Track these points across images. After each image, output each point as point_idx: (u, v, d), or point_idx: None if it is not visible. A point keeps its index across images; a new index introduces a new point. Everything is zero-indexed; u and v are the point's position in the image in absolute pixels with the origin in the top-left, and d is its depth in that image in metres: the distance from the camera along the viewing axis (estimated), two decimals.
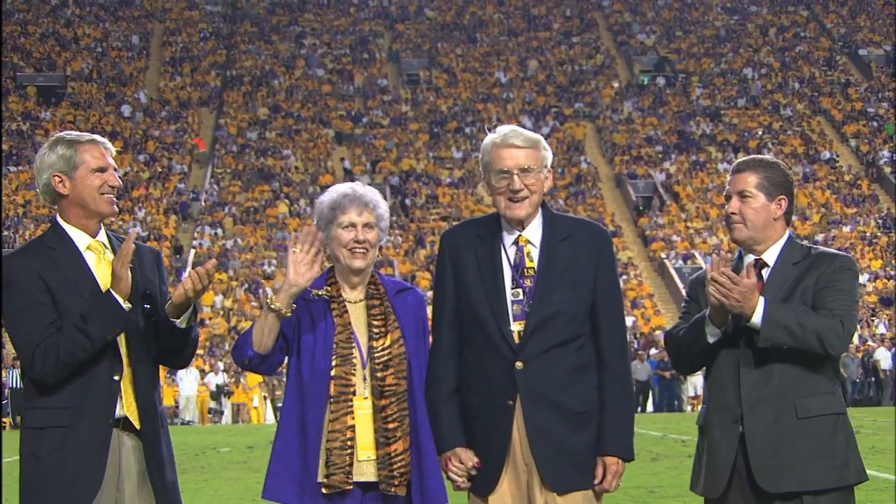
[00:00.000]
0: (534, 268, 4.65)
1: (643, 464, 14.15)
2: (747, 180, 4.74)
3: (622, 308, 4.79)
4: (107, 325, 4.51)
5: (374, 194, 4.83)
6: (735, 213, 4.74)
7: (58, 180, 4.67)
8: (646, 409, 34.31)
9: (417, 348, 4.77)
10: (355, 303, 4.80)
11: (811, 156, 56.09)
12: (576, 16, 70.71)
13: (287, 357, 4.78)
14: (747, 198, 4.73)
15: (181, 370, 32.25)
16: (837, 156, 56.33)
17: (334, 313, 4.74)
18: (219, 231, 48.81)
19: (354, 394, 4.66)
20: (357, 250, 4.74)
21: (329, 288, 4.79)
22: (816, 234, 48.63)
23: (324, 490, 4.62)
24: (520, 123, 47.45)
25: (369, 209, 4.76)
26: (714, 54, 66.43)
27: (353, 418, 4.64)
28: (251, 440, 22.64)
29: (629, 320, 39.61)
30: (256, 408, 35.62)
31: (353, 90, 62.55)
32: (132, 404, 4.62)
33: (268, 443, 4.90)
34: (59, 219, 4.71)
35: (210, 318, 41.29)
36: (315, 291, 4.76)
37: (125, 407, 4.60)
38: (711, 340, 4.66)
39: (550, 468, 4.55)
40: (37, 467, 4.53)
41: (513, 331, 4.60)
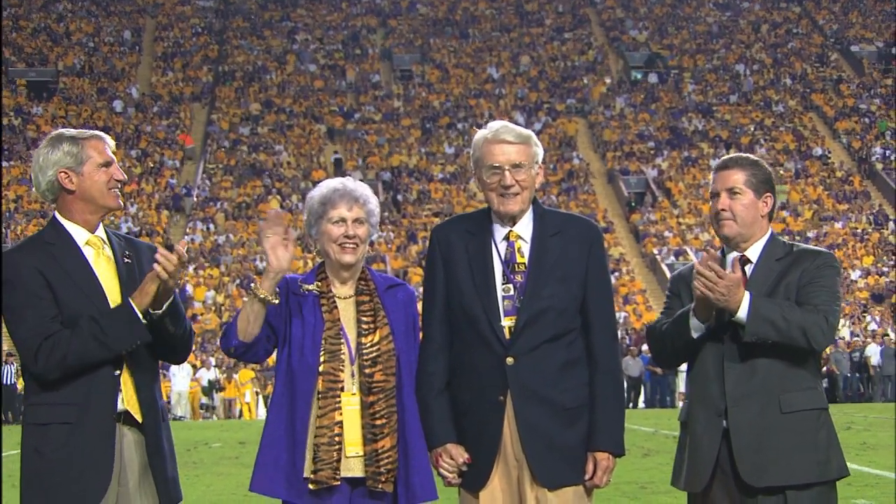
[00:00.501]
0: (524, 263, 4.65)
1: (635, 459, 14.16)
2: (736, 177, 4.75)
3: (613, 303, 4.78)
4: (126, 340, 4.51)
5: (365, 189, 4.81)
6: (725, 210, 4.74)
7: (65, 176, 4.65)
8: (637, 405, 34.35)
9: (407, 345, 4.76)
10: (345, 298, 4.78)
11: (803, 152, 56.15)
12: (568, 12, 70.74)
13: (276, 350, 4.77)
14: (737, 194, 4.74)
15: (174, 366, 32.23)
16: (829, 152, 56.40)
17: (323, 309, 4.72)
18: (211, 226, 48.78)
19: (342, 390, 4.65)
20: (347, 245, 4.72)
21: (319, 283, 4.78)
22: (808, 231, 48.71)
23: (311, 486, 4.61)
24: (512, 119, 47.50)
25: (359, 204, 4.75)
26: (706, 50, 66.48)
27: (341, 414, 4.63)
28: (243, 435, 22.63)
29: (621, 316, 39.64)
30: (248, 403, 35.60)
31: (346, 86, 62.54)
32: (133, 398, 4.61)
33: (259, 438, 4.88)
34: (57, 215, 4.70)
35: (202, 314, 41.26)
36: (305, 286, 4.75)
37: (126, 401, 4.59)
38: (695, 335, 4.67)
39: (541, 464, 4.54)
40: (41, 464, 4.49)
41: (503, 326, 4.59)
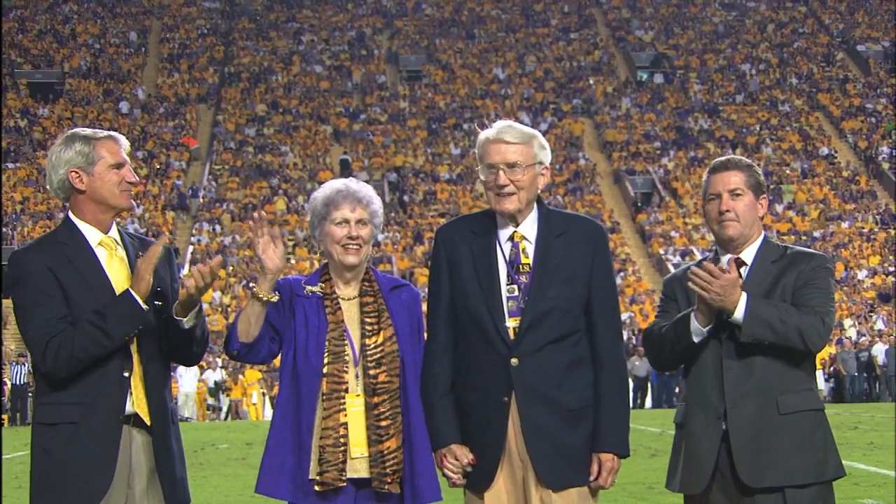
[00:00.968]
0: (529, 264, 4.64)
1: (641, 460, 14.16)
2: (736, 178, 4.76)
3: (618, 304, 4.77)
4: (125, 325, 4.50)
5: (368, 190, 4.81)
6: (729, 211, 4.74)
7: (75, 176, 4.65)
8: (644, 406, 34.32)
9: (411, 346, 4.75)
10: (349, 300, 4.77)
11: (809, 152, 56.10)
12: (574, 12, 70.72)
13: (281, 352, 4.77)
14: (739, 195, 4.75)
15: (181, 367, 32.27)
16: (836, 152, 56.34)
17: (327, 310, 4.71)
18: (217, 227, 48.80)
19: (347, 391, 4.64)
20: (350, 246, 4.71)
21: (323, 285, 4.77)
22: (815, 230, 48.66)
23: (316, 487, 4.60)
24: (518, 120, 47.42)
25: (362, 205, 4.74)
26: (712, 50, 66.43)
27: (346, 416, 4.62)
28: (250, 437, 22.65)
29: (627, 316, 39.62)
30: (255, 404, 35.62)
31: (352, 86, 62.56)
32: (142, 401, 4.61)
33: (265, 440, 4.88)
34: (71, 215, 4.70)
35: (209, 315, 41.30)
36: (309, 288, 4.75)
37: (136, 403, 4.59)
38: (696, 340, 4.67)
39: (545, 465, 4.53)
40: (48, 463, 4.51)
41: (508, 327, 4.58)
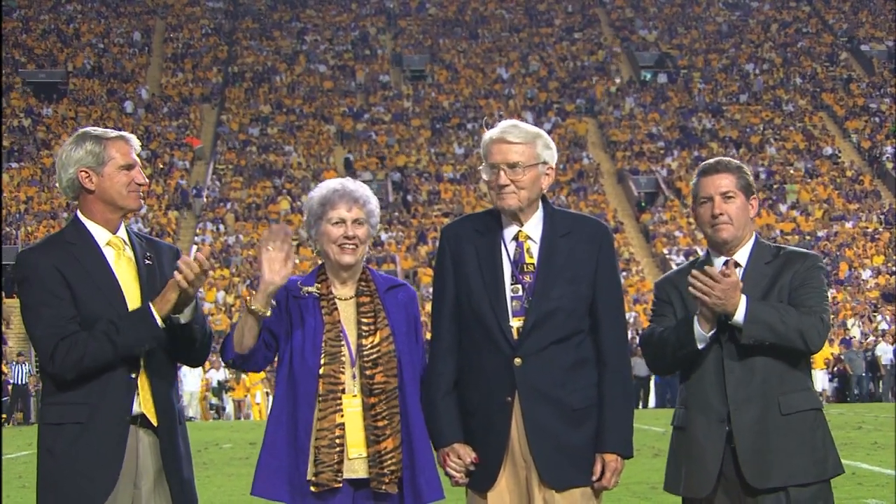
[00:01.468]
0: (533, 264, 4.63)
1: (645, 459, 14.15)
2: (727, 181, 4.76)
3: (622, 304, 4.77)
4: (139, 341, 4.49)
5: (365, 190, 4.79)
6: (723, 214, 4.73)
7: (85, 175, 4.64)
8: (648, 405, 34.28)
9: (408, 346, 4.73)
10: (346, 300, 4.75)
11: (813, 151, 56.06)
12: (578, 12, 70.69)
13: (277, 354, 4.75)
14: (731, 198, 4.75)
15: (185, 367, 32.27)
16: (839, 151, 56.30)
17: (324, 311, 4.69)
18: (221, 227, 48.82)
19: (343, 392, 4.62)
20: (346, 246, 4.68)
21: (319, 285, 4.74)
22: (819, 230, 48.63)
23: (312, 488, 4.59)
24: (522, 119, 47.44)
25: (359, 205, 4.72)
26: (716, 50, 66.39)
27: (342, 416, 4.60)
28: (253, 436, 22.63)
29: (631, 316, 39.60)
30: (259, 404, 35.62)
31: (355, 86, 62.55)
32: (149, 401, 4.60)
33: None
34: (79, 214, 4.69)
35: (212, 315, 41.30)
36: (305, 289, 4.72)
37: (142, 404, 4.58)
38: (701, 346, 4.66)
39: (549, 465, 4.53)
40: (53, 463, 4.51)
41: (512, 327, 4.58)
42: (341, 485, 4.59)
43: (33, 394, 32.02)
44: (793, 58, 65.20)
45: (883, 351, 34.75)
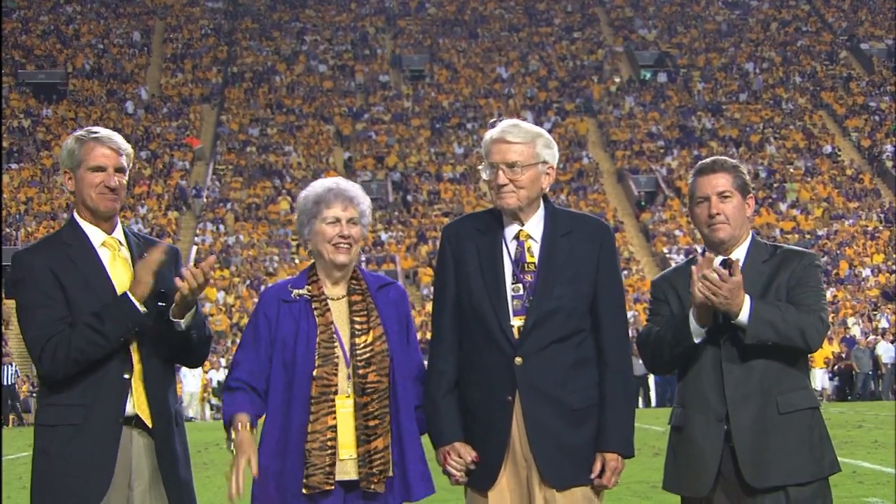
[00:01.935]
0: (534, 263, 4.63)
1: (645, 458, 14.14)
2: (724, 180, 4.76)
3: (623, 304, 4.76)
4: (121, 326, 4.50)
5: (358, 190, 4.78)
6: (719, 213, 4.73)
7: (67, 177, 4.69)
8: (650, 404, 34.27)
9: (400, 345, 4.72)
10: (337, 299, 4.73)
11: (813, 150, 56.06)
12: (577, 11, 70.69)
13: (273, 359, 4.70)
14: (727, 198, 4.75)
15: (185, 367, 32.26)
16: (839, 150, 56.29)
17: (316, 312, 4.67)
18: (220, 227, 48.82)
19: (336, 393, 4.60)
20: (341, 245, 4.68)
21: (310, 287, 4.73)
22: (819, 229, 48.63)
23: (304, 490, 4.56)
24: (521, 119, 47.43)
25: (353, 204, 4.71)
26: (715, 49, 66.38)
27: (334, 418, 4.57)
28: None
29: (631, 315, 39.59)
30: None
31: (355, 86, 62.54)
32: (143, 403, 4.60)
33: None
34: (75, 214, 4.71)
35: (212, 315, 41.30)
36: (296, 291, 4.71)
37: (136, 405, 4.58)
38: (698, 341, 4.65)
39: (549, 464, 4.53)
40: (47, 464, 4.51)
41: (512, 326, 4.58)
42: (333, 487, 4.57)
43: (21, 396, 31.88)
44: (792, 56, 65.19)
45: (883, 349, 34.74)
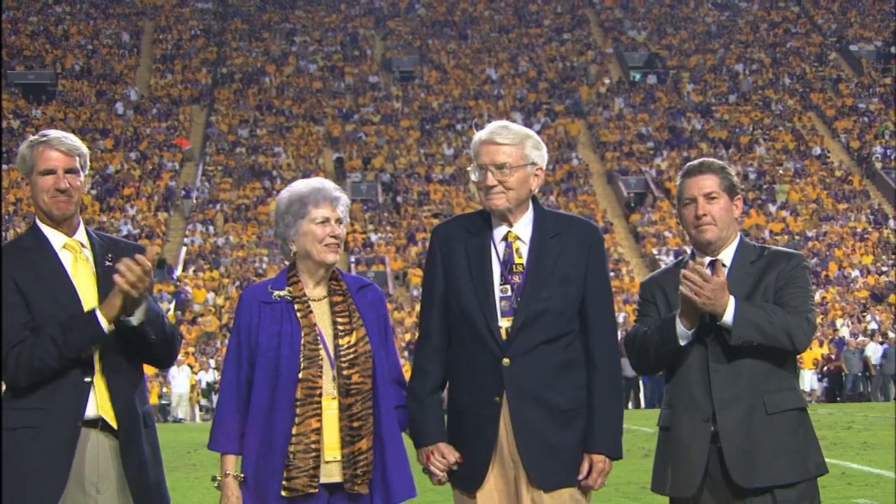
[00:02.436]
0: (523, 264, 4.63)
1: (635, 460, 14.14)
2: (710, 182, 4.76)
3: (612, 305, 4.76)
4: (82, 343, 4.46)
5: (340, 190, 4.78)
6: (706, 215, 4.74)
7: (25, 182, 4.68)
8: (640, 405, 34.29)
9: (379, 345, 4.71)
10: (319, 300, 4.71)
11: (802, 151, 56.15)
12: (567, 12, 70.73)
13: (257, 362, 4.66)
14: (714, 199, 4.75)
15: (173, 368, 32.23)
16: (828, 151, 56.39)
17: (299, 314, 4.64)
18: (210, 228, 48.75)
19: (321, 394, 4.57)
20: (332, 245, 4.67)
21: (291, 288, 4.70)
22: (808, 230, 48.70)
23: (283, 493, 4.52)
24: (511, 120, 47.46)
25: (340, 204, 4.72)
26: (705, 50, 66.47)
27: (319, 421, 4.55)
28: None
29: (620, 316, 39.61)
30: None
31: (345, 87, 62.49)
32: (107, 404, 4.55)
33: None
34: (37, 219, 4.68)
35: (202, 316, 41.23)
36: (277, 293, 4.68)
37: (100, 407, 4.54)
38: (683, 343, 4.66)
39: (537, 465, 4.53)
40: (6, 468, 4.48)
41: (500, 327, 4.58)
42: (317, 490, 4.55)
43: None
44: (782, 58, 65.30)
45: (872, 351, 34.80)
